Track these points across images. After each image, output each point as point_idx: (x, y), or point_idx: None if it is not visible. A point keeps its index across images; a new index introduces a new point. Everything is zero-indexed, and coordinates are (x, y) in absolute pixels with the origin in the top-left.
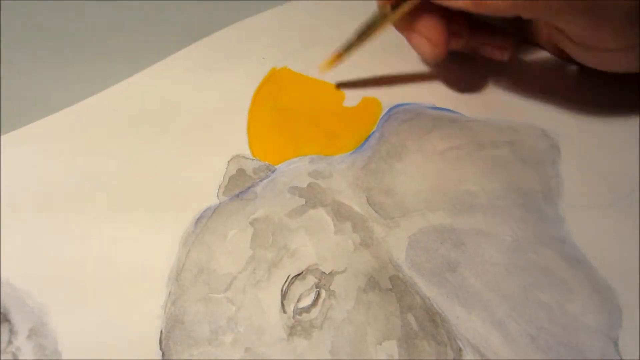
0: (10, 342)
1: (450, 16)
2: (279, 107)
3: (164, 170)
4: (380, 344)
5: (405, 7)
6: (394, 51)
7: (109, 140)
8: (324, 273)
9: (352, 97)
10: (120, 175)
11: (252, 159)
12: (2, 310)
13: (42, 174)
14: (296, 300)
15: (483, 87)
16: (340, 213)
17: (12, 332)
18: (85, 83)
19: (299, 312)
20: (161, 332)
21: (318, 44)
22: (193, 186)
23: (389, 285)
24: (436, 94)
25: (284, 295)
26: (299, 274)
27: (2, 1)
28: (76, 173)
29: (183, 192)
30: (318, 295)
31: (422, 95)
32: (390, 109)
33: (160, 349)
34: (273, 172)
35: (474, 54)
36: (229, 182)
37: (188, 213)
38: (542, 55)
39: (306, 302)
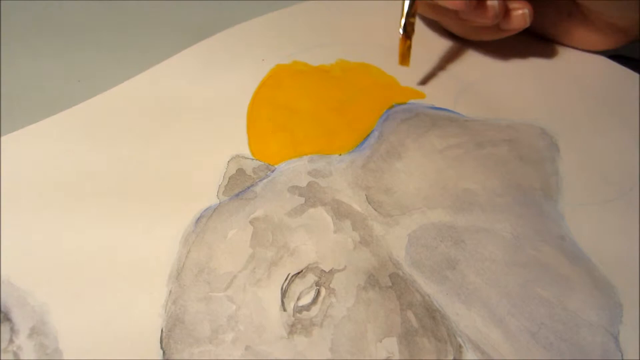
0: (11, 341)
1: None
2: (278, 108)
3: (164, 170)
4: (381, 341)
5: None
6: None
7: (110, 140)
8: (324, 271)
9: (353, 96)
10: (121, 175)
11: (252, 159)
12: (3, 310)
13: (42, 174)
14: (296, 299)
15: (482, 87)
16: (339, 212)
17: (13, 331)
18: (85, 84)
19: (299, 310)
20: (162, 331)
21: (317, 46)
22: (193, 186)
23: (388, 283)
24: (435, 94)
25: (284, 294)
26: (299, 272)
27: (2, 1)
28: (77, 173)
29: (183, 192)
30: (318, 293)
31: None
32: (390, 109)
33: (161, 347)
34: (273, 171)
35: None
36: (228, 181)
37: (188, 212)
38: (542, 54)
39: (306, 300)
